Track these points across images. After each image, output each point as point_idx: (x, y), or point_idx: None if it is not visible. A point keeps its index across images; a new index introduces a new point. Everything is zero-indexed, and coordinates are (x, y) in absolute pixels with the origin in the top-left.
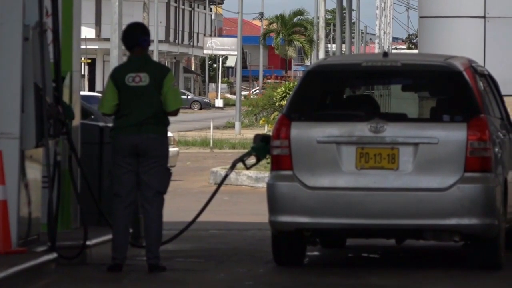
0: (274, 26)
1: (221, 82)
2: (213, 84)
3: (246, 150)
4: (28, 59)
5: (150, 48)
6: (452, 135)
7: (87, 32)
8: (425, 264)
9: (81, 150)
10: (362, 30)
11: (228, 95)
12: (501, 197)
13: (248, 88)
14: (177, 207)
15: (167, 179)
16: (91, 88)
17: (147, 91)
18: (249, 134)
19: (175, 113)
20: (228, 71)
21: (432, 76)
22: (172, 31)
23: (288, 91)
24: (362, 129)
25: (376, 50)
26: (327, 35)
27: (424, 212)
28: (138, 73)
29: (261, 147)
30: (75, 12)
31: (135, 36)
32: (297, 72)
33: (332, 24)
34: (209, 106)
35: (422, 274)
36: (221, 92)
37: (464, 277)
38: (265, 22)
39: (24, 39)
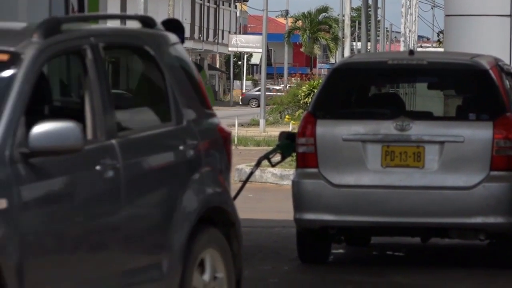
0: (300, 23)
1: (246, 80)
2: (237, 81)
3: (270, 148)
4: None
5: None
6: (478, 134)
7: None
8: (450, 263)
9: None
10: (387, 28)
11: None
12: None
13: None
14: None
15: None
16: None
17: None
18: (274, 132)
19: None
20: (252, 69)
21: (458, 75)
22: (197, 28)
23: (312, 89)
24: (387, 127)
25: (402, 48)
26: (352, 33)
27: (450, 210)
28: None
29: (286, 145)
30: (101, 9)
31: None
32: (321, 70)
33: (357, 22)
34: None
35: (446, 272)
36: (245, 89)
37: (489, 276)
38: (290, 20)
39: None
